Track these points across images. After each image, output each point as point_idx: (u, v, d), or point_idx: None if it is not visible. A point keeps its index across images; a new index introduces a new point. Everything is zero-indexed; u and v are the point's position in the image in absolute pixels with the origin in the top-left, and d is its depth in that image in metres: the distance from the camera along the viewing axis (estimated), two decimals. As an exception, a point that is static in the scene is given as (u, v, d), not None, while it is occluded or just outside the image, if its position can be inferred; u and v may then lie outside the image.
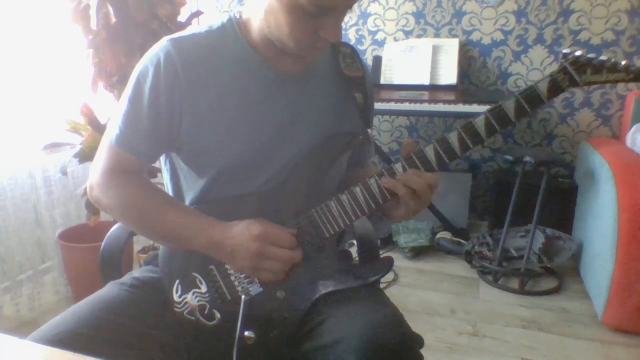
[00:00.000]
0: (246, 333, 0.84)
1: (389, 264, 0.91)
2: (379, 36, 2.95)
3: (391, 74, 2.74)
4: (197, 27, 0.92)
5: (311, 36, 0.81)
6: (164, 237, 0.91)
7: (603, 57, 0.81)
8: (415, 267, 2.51)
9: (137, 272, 0.98)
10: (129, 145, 0.89)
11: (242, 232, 0.84)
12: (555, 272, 2.36)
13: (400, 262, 2.54)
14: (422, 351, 0.82)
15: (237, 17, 0.91)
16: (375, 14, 2.92)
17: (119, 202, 0.90)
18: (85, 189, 1.96)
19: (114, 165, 0.90)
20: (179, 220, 0.87)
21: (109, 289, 0.90)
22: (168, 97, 0.86)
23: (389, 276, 2.37)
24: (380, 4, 2.90)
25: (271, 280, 0.86)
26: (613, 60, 0.80)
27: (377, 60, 2.79)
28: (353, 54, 1.00)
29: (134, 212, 0.90)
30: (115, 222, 1.09)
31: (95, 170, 0.92)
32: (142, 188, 0.91)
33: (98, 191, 0.91)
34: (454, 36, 2.79)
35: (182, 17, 2.10)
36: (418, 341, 0.82)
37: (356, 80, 0.98)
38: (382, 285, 1.18)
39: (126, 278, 0.95)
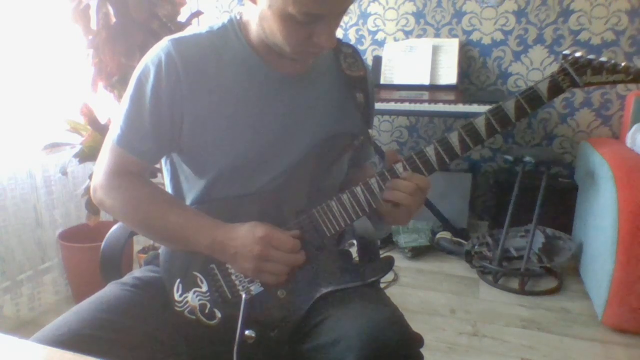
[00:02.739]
0: (247, 332, 0.84)
1: (389, 263, 0.91)
2: (379, 36, 2.95)
3: (391, 74, 2.74)
4: (198, 28, 0.92)
5: (305, 42, 0.81)
6: (167, 238, 0.91)
7: (603, 59, 0.82)
8: (415, 267, 2.51)
9: (138, 272, 0.98)
10: (131, 145, 0.89)
11: (246, 234, 0.84)
12: (555, 272, 2.36)
13: (400, 262, 2.54)
14: (422, 351, 0.82)
15: (238, 18, 0.92)
16: (375, 14, 2.92)
17: (122, 203, 0.90)
18: (85, 189, 1.98)
19: (116, 166, 0.90)
20: (182, 221, 0.88)
21: (111, 289, 0.90)
22: (169, 97, 0.86)
23: (389, 276, 2.37)
24: (380, 4, 2.90)
25: (273, 282, 0.86)
26: (613, 61, 0.81)
27: (377, 60, 2.79)
28: (354, 54, 1.00)
29: (138, 213, 0.90)
30: (115, 222, 1.10)
31: (98, 171, 0.92)
32: (145, 189, 0.91)
33: (101, 193, 0.91)
34: (454, 36, 2.79)
35: (182, 17, 2.10)
36: (418, 341, 0.82)
37: (357, 80, 0.98)
38: (382, 285, 1.18)
39: (127, 278, 0.95)
